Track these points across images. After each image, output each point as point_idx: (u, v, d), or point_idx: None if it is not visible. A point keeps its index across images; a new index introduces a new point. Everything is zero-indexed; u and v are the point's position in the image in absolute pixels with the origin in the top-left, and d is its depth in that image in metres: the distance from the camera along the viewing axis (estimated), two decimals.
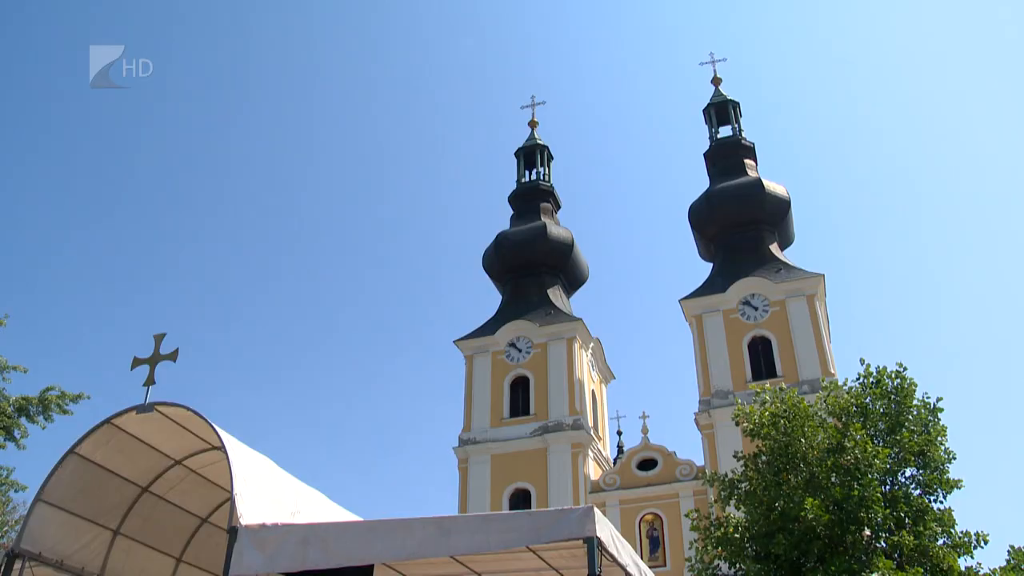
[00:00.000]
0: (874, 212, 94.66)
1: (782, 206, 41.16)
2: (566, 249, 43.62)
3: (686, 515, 20.42)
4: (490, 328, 40.62)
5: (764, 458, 18.13)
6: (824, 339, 35.62)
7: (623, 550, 7.34)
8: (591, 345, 40.82)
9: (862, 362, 19.02)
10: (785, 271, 38.10)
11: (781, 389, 19.02)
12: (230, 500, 7.46)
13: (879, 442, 17.91)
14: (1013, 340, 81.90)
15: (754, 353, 36.26)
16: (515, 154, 48.25)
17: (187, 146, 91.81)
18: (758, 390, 19.56)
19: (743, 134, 45.11)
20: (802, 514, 16.02)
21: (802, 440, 17.55)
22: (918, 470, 17.80)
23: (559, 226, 44.98)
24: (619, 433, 47.74)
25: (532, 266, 42.92)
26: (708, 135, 45.62)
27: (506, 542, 6.84)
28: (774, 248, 39.96)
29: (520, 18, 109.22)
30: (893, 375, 18.57)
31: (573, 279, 44.49)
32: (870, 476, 16.76)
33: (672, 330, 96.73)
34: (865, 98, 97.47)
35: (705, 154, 45.18)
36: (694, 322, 37.79)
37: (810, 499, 16.16)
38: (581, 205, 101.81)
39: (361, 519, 8.68)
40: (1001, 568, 16.92)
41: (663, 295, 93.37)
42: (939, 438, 17.85)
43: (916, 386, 18.39)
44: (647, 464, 35.78)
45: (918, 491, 17.64)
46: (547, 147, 48.36)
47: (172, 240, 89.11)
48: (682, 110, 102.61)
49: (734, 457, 19.84)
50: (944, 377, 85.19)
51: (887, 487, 17.51)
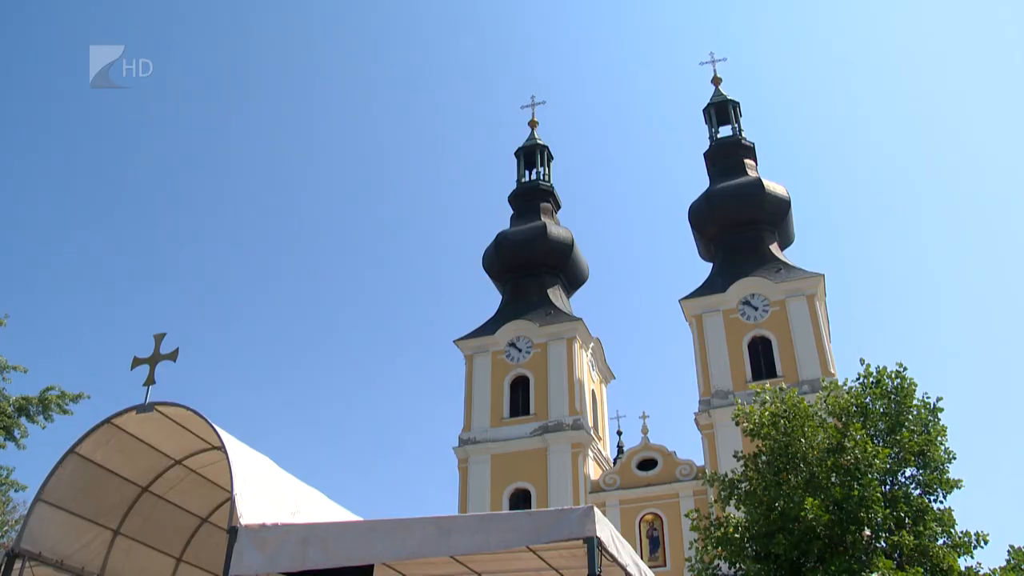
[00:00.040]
0: (874, 212, 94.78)
1: (782, 206, 41.16)
2: (566, 249, 43.63)
3: (686, 515, 20.42)
4: (490, 328, 40.62)
5: (764, 458, 18.13)
6: (824, 339, 35.62)
7: (623, 550, 7.34)
8: (591, 345, 40.82)
9: (862, 362, 19.06)
10: (785, 271, 38.10)
11: (781, 389, 19.02)
12: (230, 500, 7.46)
13: (879, 442, 17.91)
14: (1013, 340, 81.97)
15: (754, 353, 36.26)
16: (515, 154, 48.27)
17: (187, 146, 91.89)
18: (758, 390, 19.56)
19: (743, 134, 45.12)
20: (802, 514, 16.02)
21: (802, 440, 17.55)
22: (918, 470, 17.81)
23: (559, 226, 44.99)
24: (619, 433, 47.80)
25: (532, 266, 42.93)
26: (708, 135, 45.65)
27: (506, 542, 6.84)
28: (774, 248, 39.96)
29: (520, 18, 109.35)
30: (893, 375, 18.58)
31: (573, 279, 44.49)
32: (870, 476, 16.76)
33: (672, 330, 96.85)
34: (865, 98, 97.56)
35: (705, 154, 45.19)
36: (694, 322, 37.79)
37: (810, 499, 16.16)
38: (581, 205, 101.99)
39: (361, 519, 8.68)
40: (1001, 568, 16.92)
41: (663, 295, 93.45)
42: (939, 438, 17.86)
43: (916, 386, 18.43)
44: (647, 464, 35.79)
45: (918, 491, 17.65)
46: (547, 147, 48.36)
47: (172, 240, 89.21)
48: (682, 110, 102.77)
49: (734, 457, 19.84)
50: (944, 377, 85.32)
51: (887, 487, 17.51)
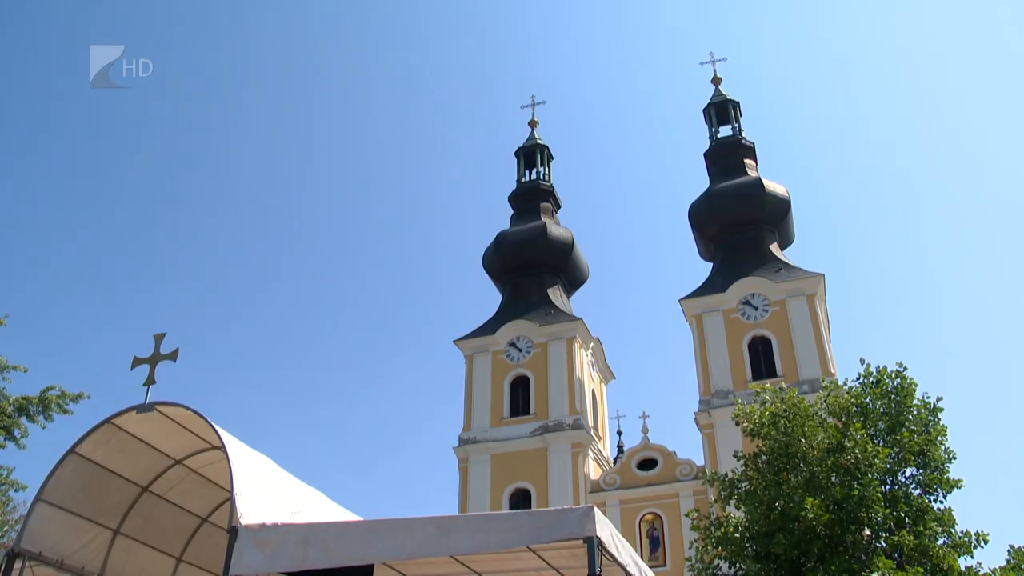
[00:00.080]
0: (874, 212, 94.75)
1: (782, 206, 41.16)
2: (566, 249, 43.63)
3: (686, 515, 20.42)
4: (490, 328, 40.62)
5: (764, 458, 18.12)
6: (824, 339, 35.62)
7: (623, 550, 7.34)
8: (591, 345, 40.82)
9: (862, 362, 19.06)
10: (785, 271, 38.10)
11: (781, 389, 19.01)
12: (230, 500, 7.45)
13: (879, 442, 17.91)
14: (1013, 340, 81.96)
15: (754, 353, 36.26)
16: (515, 154, 48.26)
17: (187, 146, 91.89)
18: (758, 390, 19.55)
19: (743, 134, 45.11)
20: (802, 514, 16.02)
21: (802, 440, 17.54)
22: (918, 470, 17.80)
23: (559, 226, 44.99)
24: (619, 433, 47.79)
25: (532, 266, 42.92)
26: (708, 135, 45.64)
27: (506, 542, 6.83)
28: (774, 248, 39.96)
29: (520, 18, 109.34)
30: (893, 375, 18.57)
31: (573, 279, 44.49)
32: (870, 476, 16.76)
33: (672, 330, 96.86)
34: (865, 98, 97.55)
35: (705, 154, 45.19)
36: (694, 322, 37.79)
37: (810, 499, 16.15)
38: (581, 205, 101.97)
39: (361, 519, 8.67)
40: (1001, 568, 16.92)
41: (663, 295, 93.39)
42: (939, 438, 17.86)
43: (916, 386, 18.42)
44: (647, 464, 35.79)
45: (918, 491, 17.65)
46: (547, 147, 48.36)
47: (172, 240, 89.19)
48: (682, 110, 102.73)
49: (734, 457, 19.83)
50: (944, 377, 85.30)
51: (887, 487, 17.51)
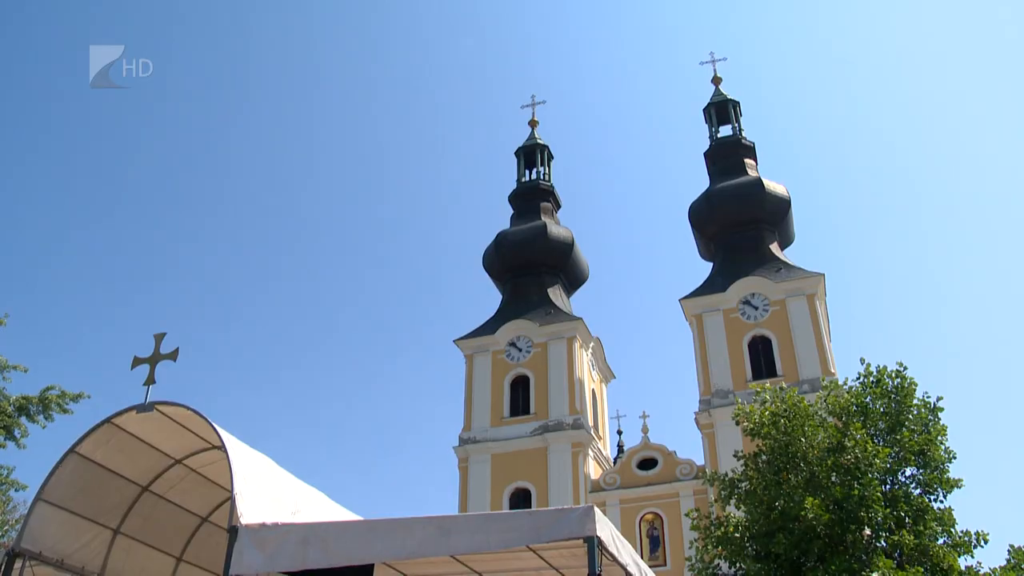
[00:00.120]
0: (874, 212, 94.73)
1: (782, 205, 41.16)
2: (566, 248, 43.62)
3: (686, 514, 20.41)
4: (490, 327, 40.61)
5: (764, 457, 18.11)
6: (824, 338, 35.62)
7: (623, 549, 7.34)
8: (591, 344, 40.81)
9: (862, 361, 19.05)
10: (785, 271, 38.09)
11: (781, 388, 19.01)
12: (230, 499, 7.45)
13: (879, 441, 17.90)
14: (1013, 340, 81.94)
15: (754, 352, 36.26)
16: (515, 153, 48.25)
17: (187, 146, 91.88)
18: (758, 389, 19.54)
19: (743, 134, 45.11)
20: (802, 513, 16.01)
21: (802, 439, 17.54)
22: (918, 469, 17.79)
23: (559, 225, 44.98)
24: (619, 432, 47.82)
25: (532, 265, 42.91)
26: (708, 134, 45.64)
27: (506, 541, 6.83)
28: (774, 248, 39.96)
29: (520, 18, 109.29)
30: (893, 374, 18.56)
31: (573, 278, 44.49)
32: (870, 475, 16.76)
33: (672, 329, 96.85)
34: (865, 98, 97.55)
35: (705, 153, 45.19)
36: (694, 321, 37.78)
37: (810, 498, 16.15)
38: (581, 205, 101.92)
39: (361, 519, 8.67)
40: (1001, 567, 16.92)
41: (663, 295, 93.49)
42: (939, 437, 17.85)
43: (916, 385, 18.41)
44: (647, 463, 35.78)
45: (918, 490, 17.64)
46: (547, 146, 48.35)
47: (172, 240, 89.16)
48: (682, 110, 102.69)
49: (734, 456, 19.83)
50: (944, 377, 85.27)
51: (887, 486, 17.50)
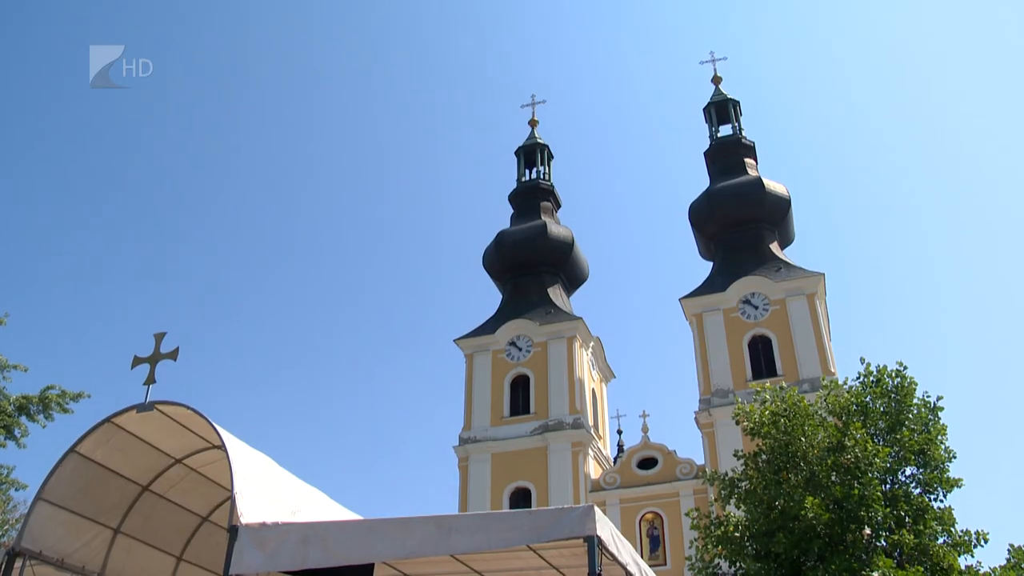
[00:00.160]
0: (874, 212, 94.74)
1: (782, 205, 41.16)
2: (566, 248, 43.61)
3: (686, 514, 20.40)
4: (490, 327, 40.61)
5: (764, 457, 18.10)
6: (824, 338, 35.62)
7: (623, 549, 7.34)
8: (591, 344, 40.81)
9: (862, 361, 19.03)
10: (785, 270, 38.09)
11: (781, 388, 19.00)
12: (230, 499, 7.45)
13: (879, 441, 17.90)
14: (1013, 340, 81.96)
15: (754, 352, 36.26)
16: (515, 153, 48.25)
17: (187, 146, 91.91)
18: (758, 389, 19.53)
19: (743, 133, 45.11)
20: (802, 513, 16.01)
21: (802, 439, 17.53)
22: (918, 469, 17.78)
23: (559, 225, 44.98)
24: (619, 432, 47.82)
25: (532, 265, 42.91)
26: (708, 134, 45.64)
27: (506, 541, 6.83)
28: (774, 247, 39.95)
29: (520, 18, 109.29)
30: (893, 374, 18.55)
31: (573, 278, 44.48)
32: (870, 475, 16.75)
33: (672, 329, 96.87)
34: (865, 98, 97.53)
35: (705, 153, 45.18)
36: (694, 321, 37.78)
37: (810, 498, 16.14)
38: (581, 204, 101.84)
39: (361, 518, 8.67)
40: (1001, 567, 16.92)
41: (663, 294, 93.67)
42: (939, 437, 17.84)
43: (916, 385, 18.39)
44: (647, 463, 35.78)
45: (918, 490, 17.63)
46: (547, 146, 48.35)
47: (172, 239, 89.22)
48: (682, 109, 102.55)
49: (734, 456, 19.81)
50: (944, 376, 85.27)
51: (887, 486, 17.50)
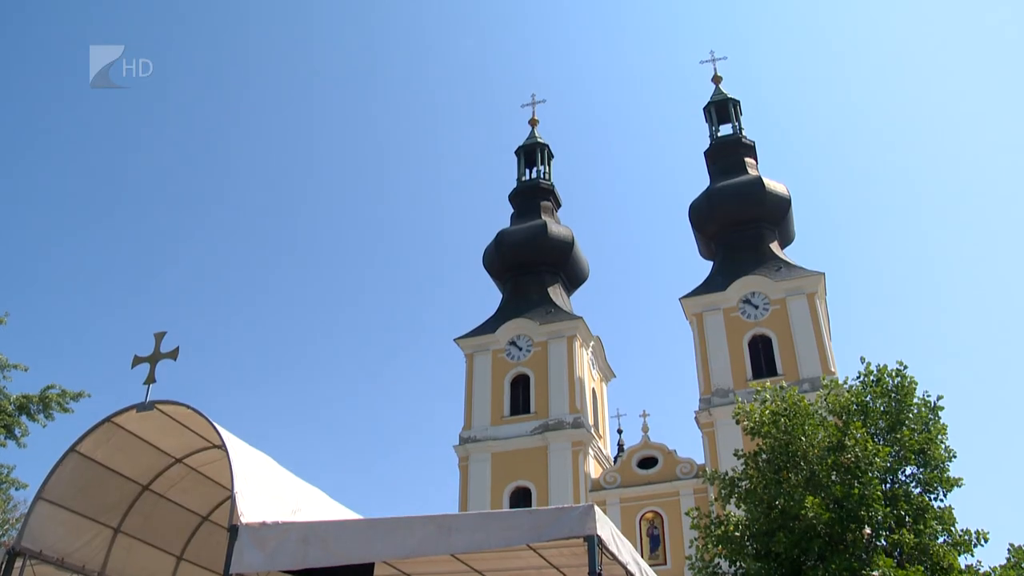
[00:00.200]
0: (874, 211, 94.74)
1: (782, 204, 41.15)
2: (566, 247, 43.61)
3: (686, 513, 20.40)
4: (491, 326, 40.61)
5: (764, 456, 18.10)
6: (824, 337, 35.62)
7: (623, 548, 7.33)
8: (591, 343, 40.81)
9: (862, 360, 19.05)
10: (785, 269, 38.08)
11: (781, 387, 19.02)
12: (230, 498, 7.44)
13: (879, 440, 17.91)
14: (1013, 339, 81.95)
15: (754, 351, 36.26)
16: (515, 152, 48.26)
17: (187, 146, 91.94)
18: (758, 388, 19.54)
19: (743, 132, 45.10)
20: (802, 512, 16.01)
21: (802, 438, 17.53)
22: (918, 468, 17.79)
23: (559, 224, 44.98)
24: (619, 431, 47.82)
25: (532, 264, 42.91)
26: (708, 133, 45.64)
27: (507, 540, 6.82)
28: (774, 246, 39.95)
29: (520, 18, 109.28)
30: (893, 373, 18.56)
31: (573, 277, 44.48)
32: (870, 474, 16.76)
33: (672, 328, 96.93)
34: (865, 97, 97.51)
35: (705, 152, 45.17)
36: (694, 320, 37.78)
37: (810, 497, 16.15)
38: (581, 204, 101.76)
39: (362, 517, 8.67)
40: (1001, 566, 16.93)
41: (663, 293, 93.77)
42: (939, 436, 17.85)
43: (916, 384, 18.40)
44: (647, 462, 35.78)
45: (918, 489, 17.64)
46: (547, 145, 48.34)
47: (172, 239, 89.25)
48: (682, 108, 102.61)
49: (734, 455, 19.82)
50: (944, 376, 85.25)
51: (887, 485, 17.51)
